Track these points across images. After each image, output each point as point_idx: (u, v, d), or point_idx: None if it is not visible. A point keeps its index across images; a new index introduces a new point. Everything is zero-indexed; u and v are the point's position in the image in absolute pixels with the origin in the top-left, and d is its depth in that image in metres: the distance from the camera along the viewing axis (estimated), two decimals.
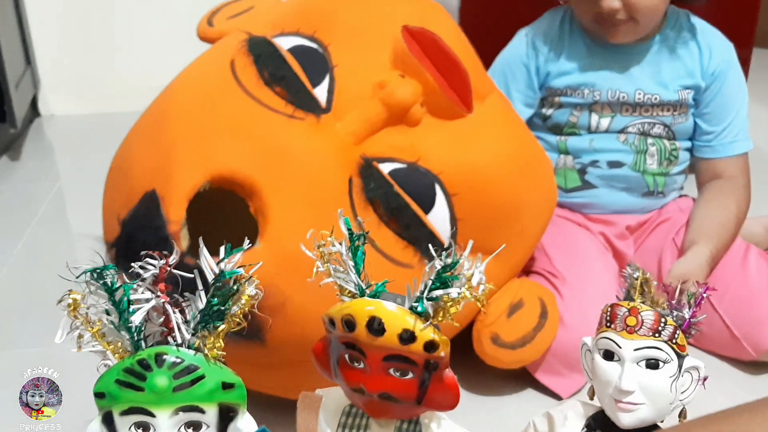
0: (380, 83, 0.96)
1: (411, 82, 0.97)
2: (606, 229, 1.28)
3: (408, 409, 0.67)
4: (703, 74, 1.26)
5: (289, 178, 0.88)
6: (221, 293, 0.60)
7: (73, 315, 0.59)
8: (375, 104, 0.95)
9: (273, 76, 0.95)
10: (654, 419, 0.72)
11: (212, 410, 0.60)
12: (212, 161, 0.86)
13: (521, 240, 1.08)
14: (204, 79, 1.00)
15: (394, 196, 0.93)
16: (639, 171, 1.27)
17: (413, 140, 0.97)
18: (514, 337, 1.06)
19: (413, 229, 0.94)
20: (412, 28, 1.00)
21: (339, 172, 0.92)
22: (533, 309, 1.08)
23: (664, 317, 0.71)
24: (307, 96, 0.95)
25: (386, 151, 0.96)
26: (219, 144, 0.89)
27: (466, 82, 1.00)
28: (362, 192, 0.93)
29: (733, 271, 1.20)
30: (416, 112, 0.97)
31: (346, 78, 0.97)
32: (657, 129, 1.27)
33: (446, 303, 0.63)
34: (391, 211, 0.93)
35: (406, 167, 0.96)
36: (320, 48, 0.99)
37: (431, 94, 0.97)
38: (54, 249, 1.55)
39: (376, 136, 0.96)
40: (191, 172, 0.85)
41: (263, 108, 0.93)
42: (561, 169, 1.29)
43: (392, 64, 0.99)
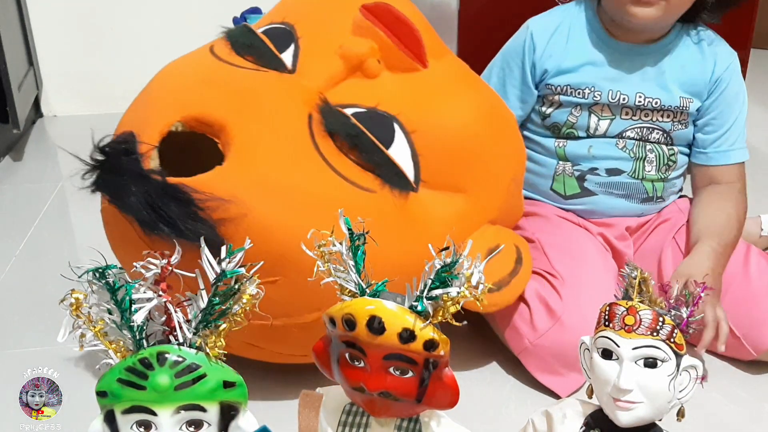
0: (339, 45, 1.08)
1: (366, 39, 1.09)
2: (605, 231, 1.28)
3: (408, 408, 0.67)
4: (706, 82, 1.25)
5: (253, 114, 0.97)
6: (223, 292, 0.61)
7: (76, 314, 0.60)
8: (334, 59, 1.07)
9: (243, 45, 1.08)
10: (652, 418, 0.73)
11: (214, 409, 0.61)
12: (185, 105, 0.97)
13: (490, 183, 1.12)
14: (185, 57, 1.12)
15: (352, 126, 1.01)
16: (638, 178, 1.27)
17: (373, 90, 1.07)
18: (491, 280, 1.05)
19: (372, 155, 1.00)
20: (368, 5, 1.11)
21: (299, 109, 1.01)
22: (509, 254, 1.11)
23: (662, 316, 0.71)
24: (274, 58, 1.07)
25: (347, 99, 1.05)
26: (191, 92, 1.01)
27: (418, 39, 1.10)
28: (321, 125, 1.00)
29: (733, 271, 1.20)
30: (373, 65, 1.08)
31: (310, 44, 1.09)
32: (655, 134, 1.26)
33: (446, 302, 0.63)
34: (349, 139, 1.00)
35: (365, 111, 1.04)
36: (287, 27, 1.12)
37: (387, 50, 1.09)
38: (56, 249, 1.55)
39: (338, 88, 1.06)
40: (165, 113, 0.96)
41: (231, 66, 1.06)
42: (560, 176, 1.29)
43: (351, 33, 1.10)
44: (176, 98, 1.00)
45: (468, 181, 1.09)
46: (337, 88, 1.06)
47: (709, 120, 1.27)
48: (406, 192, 1.01)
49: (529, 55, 1.27)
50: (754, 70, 1.81)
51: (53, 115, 2.40)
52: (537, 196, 1.33)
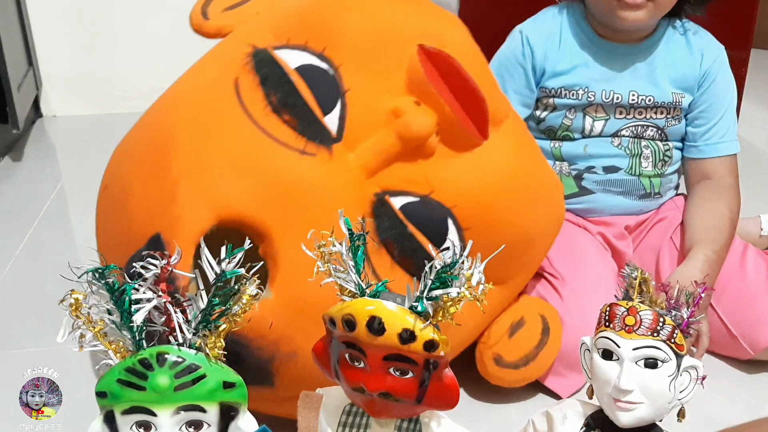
0: (395, 111, 0.91)
1: (427, 112, 0.92)
2: (605, 230, 1.28)
3: (408, 408, 0.67)
4: (696, 76, 1.26)
5: (300, 220, 0.82)
6: (222, 293, 0.61)
7: (75, 315, 0.60)
8: (389, 135, 0.91)
9: (281, 102, 0.90)
10: (652, 418, 0.73)
11: (213, 409, 0.61)
12: (219, 202, 0.82)
13: (527, 268, 1.09)
14: (206, 98, 0.94)
15: (408, 237, 0.91)
16: (635, 174, 1.27)
17: (426, 172, 0.93)
18: (516, 356, 1.06)
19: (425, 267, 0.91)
20: (428, 49, 0.94)
21: (352, 211, 0.85)
22: (535, 326, 1.08)
23: (662, 317, 0.71)
24: (318, 126, 0.90)
25: (399, 184, 0.92)
26: (225, 182, 0.85)
27: (484, 109, 0.95)
28: (376, 233, 0.89)
29: (731, 270, 1.20)
30: (431, 143, 0.93)
31: (359, 104, 0.92)
32: (650, 131, 1.27)
33: (446, 302, 0.63)
34: (404, 251, 0.90)
35: (418, 201, 0.93)
36: (331, 69, 0.93)
37: (447, 124, 0.93)
38: (56, 249, 1.55)
39: (389, 167, 0.93)
40: (197, 214, 0.82)
41: (271, 140, 0.88)
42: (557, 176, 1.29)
43: (407, 88, 0.93)
44: (208, 192, 0.84)
45: (512, 275, 1.04)
46: (387, 169, 0.93)
47: (698, 113, 1.28)
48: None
49: (530, 58, 1.27)
50: (754, 70, 1.80)
51: (53, 115, 2.40)
52: None
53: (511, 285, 1.06)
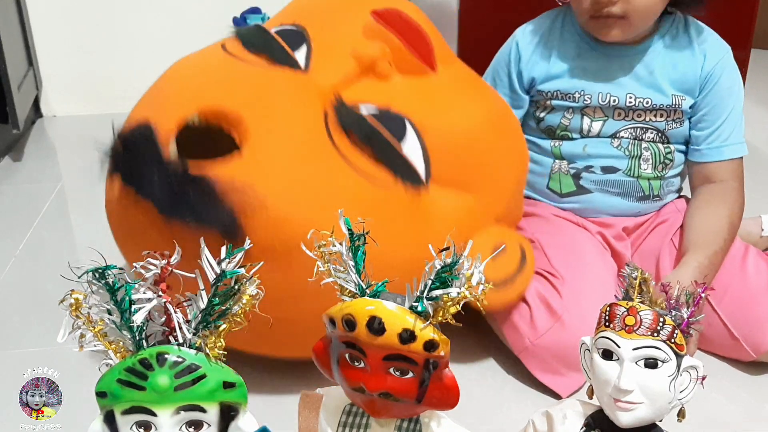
0: (352, 47, 1.10)
1: (378, 42, 1.11)
2: (604, 231, 1.28)
3: (408, 408, 0.67)
4: (697, 78, 1.25)
5: (269, 108, 0.98)
6: (222, 293, 0.61)
7: (75, 315, 0.60)
8: (347, 59, 1.09)
9: (256, 44, 1.09)
10: (653, 418, 0.73)
11: (213, 409, 0.61)
12: (201, 98, 0.97)
13: (496, 184, 1.14)
14: (196, 54, 1.13)
15: (367, 124, 1.03)
16: (633, 176, 1.27)
17: (385, 92, 1.09)
18: (495, 277, 1.07)
19: (386, 151, 1.02)
20: (378, 10, 1.13)
21: (315, 106, 1.02)
22: (514, 253, 1.12)
23: (662, 317, 0.71)
24: (287, 56, 1.08)
25: (360, 99, 1.07)
26: (207, 86, 1.02)
27: (428, 43, 1.13)
28: (337, 122, 1.01)
29: (732, 271, 1.19)
30: (385, 67, 1.10)
31: (322, 46, 1.11)
32: (650, 134, 1.26)
33: (446, 302, 0.63)
34: (364, 136, 1.01)
35: (378, 111, 1.06)
36: (299, 29, 1.13)
37: (398, 54, 1.11)
38: (56, 249, 1.55)
39: (351, 88, 1.07)
40: (182, 105, 0.96)
41: (245, 63, 1.06)
42: (556, 174, 1.29)
43: (362, 36, 1.12)
44: (192, 91, 1.00)
45: (476, 181, 1.11)
46: (350, 89, 1.07)
47: (701, 116, 1.26)
48: (417, 187, 1.03)
49: (515, 63, 1.29)
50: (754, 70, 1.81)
51: (53, 115, 2.40)
52: (534, 194, 1.33)
53: (481, 197, 1.11)
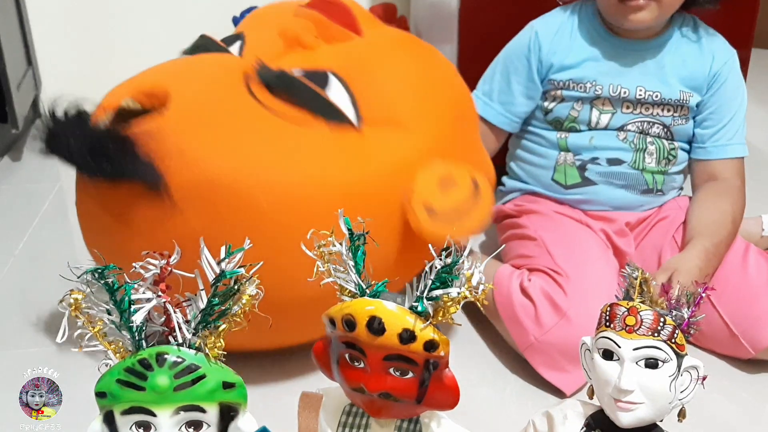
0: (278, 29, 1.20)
1: (301, 19, 1.21)
2: (606, 226, 1.29)
3: (408, 409, 0.67)
4: (705, 76, 1.27)
5: (193, 79, 1.06)
6: (222, 293, 0.60)
7: (75, 315, 0.60)
8: (275, 39, 1.19)
9: (197, 47, 1.19)
10: (653, 418, 0.72)
11: (213, 409, 0.60)
12: (135, 84, 1.05)
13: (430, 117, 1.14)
14: None
15: (287, 76, 1.09)
16: (638, 169, 1.28)
17: (311, 58, 1.16)
18: (447, 207, 1.03)
19: (308, 97, 1.06)
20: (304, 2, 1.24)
21: (237, 72, 1.08)
22: (465, 183, 1.06)
23: (663, 317, 0.71)
24: (221, 48, 1.17)
25: (286, 66, 1.12)
26: (143, 74, 1.09)
27: (349, 11, 1.21)
28: (258, 80, 1.07)
29: (732, 269, 1.20)
30: (310, 38, 1.19)
31: (254, 38, 1.21)
32: (656, 129, 1.28)
33: (446, 303, 0.63)
34: (285, 87, 1.07)
35: (303, 72, 1.12)
36: (240, 35, 1.23)
37: (322, 26, 1.20)
38: (55, 249, 1.55)
39: (278, 60, 1.14)
40: (116, 92, 1.06)
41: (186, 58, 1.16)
42: (561, 165, 1.30)
43: (288, 20, 1.22)
44: (130, 80, 1.08)
45: (407, 115, 1.11)
46: (278, 60, 1.14)
47: (707, 115, 1.29)
48: (342, 124, 1.05)
49: (536, 53, 1.29)
50: (755, 70, 1.81)
51: None
52: (538, 188, 1.34)
53: (418, 133, 1.10)
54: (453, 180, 1.06)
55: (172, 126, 0.97)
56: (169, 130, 0.96)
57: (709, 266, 1.17)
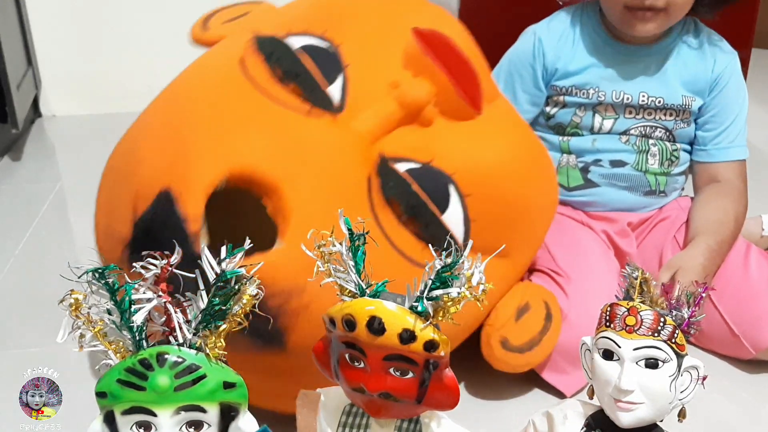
0: (394, 82, 0.96)
1: (424, 81, 0.97)
2: (608, 227, 1.29)
3: (408, 409, 0.67)
4: (707, 80, 1.27)
5: (308, 175, 0.86)
6: (223, 293, 0.60)
7: (75, 314, 0.60)
8: (390, 103, 0.95)
9: (286, 73, 0.94)
10: (653, 418, 0.73)
11: (214, 409, 0.60)
12: (230, 158, 0.83)
13: (528, 241, 1.09)
14: (212, 76, 0.97)
15: (413, 195, 0.93)
16: (641, 170, 1.28)
17: (427, 140, 0.97)
18: (522, 340, 1.06)
19: (432, 228, 0.93)
20: (422, 30, 1.00)
21: (358, 170, 0.91)
22: (539, 312, 1.08)
23: (663, 317, 0.71)
24: (321, 94, 0.94)
25: (401, 151, 0.95)
26: (236, 140, 0.86)
27: (477, 82, 1.00)
28: (380, 191, 0.92)
29: (733, 269, 1.20)
30: (429, 111, 0.98)
31: (359, 77, 0.97)
32: (658, 132, 1.28)
33: (446, 302, 0.63)
34: (409, 210, 0.92)
35: (420, 167, 0.95)
36: (331, 47, 0.98)
37: (444, 94, 0.98)
38: (55, 249, 1.55)
39: (391, 136, 0.96)
40: (208, 168, 0.82)
41: (278, 105, 0.91)
42: (563, 167, 1.30)
43: (404, 65, 0.98)
44: (219, 149, 0.84)
45: (513, 246, 1.02)
46: (389, 135, 0.96)
47: (709, 118, 1.29)
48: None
49: (540, 60, 1.29)
50: (755, 70, 1.81)
51: (52, 115, 2.40)
52: None
53: (515, 261, 1.06)
54: (528, 307, 1.08)
55: (297, 275, 0.78)
56: (294, 280, 0.78)
57: (712, 264, 1.17)
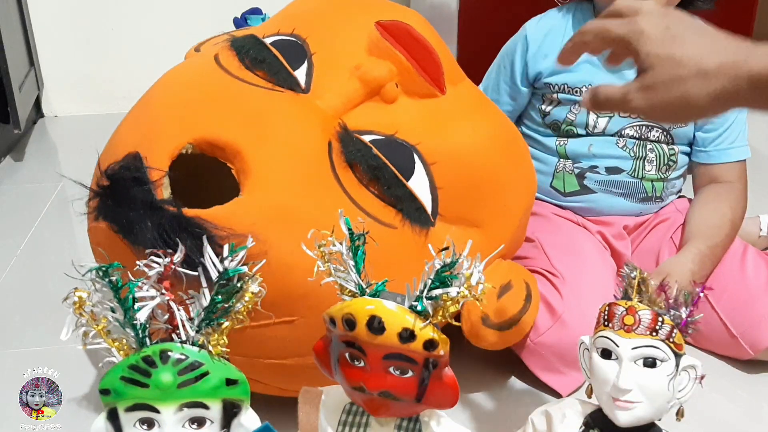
0: (357, 65, 1.01)
1: (385, 62, 1.02)
2: (604, 229, 1.29)
3: (408, 407, 0.67)
4: None
5: (269, 139, 0.91)
6: (225, 291, 0.61)
7: (79, 312, 0.60)
8: (352, 81, 1.00)
9: (254, 60, 1.00)
10: (651, 417, 0.73)
11: (216, 406, 0.61)
12: (195, 125, 0.90)
13: (504, 217, 1.09)
14: (188, 67, 1.05)
15: (373, 157, 0.95)
16: (638, 177, 1.28)
17: (391, 116, 1.02)
18: (502, 318, 1.05)
19: (394, 189, 0.95)
20: (384, 22, 1.05)
21: (318, 135, 0.95)
22: (520, 291, 1.08)
23: (661, 316, 0.71)
24: (287, 75, 1.00)
25: (365, 125, 0.99)
26: (202, 111, 0.93)
27: (438, 64, 1.05)
28: (341, 155, 0.95)
29: (731, 270, 1.20)
30: (392, 89, 1.02)
31: (324, 62, 1.02)
32: (655, 133, 1.27)
33: (445, 302, 0.63)
34: (370, 171, 0.95)
35: (384, 138, 0.99)
36: (299, 41, 1.04)
37: (405, 74, 1.03)
38: (57, 249, 1.55)
39: (355, 112, 1.00)
40: (175, 134, 0.89)
41: (244, 83, 0.98)
42: (560, 173, 1.30)
43: (367, 51, 1.04)
44: (185, 117, 0.92)
45: (483, 215, 1.05)
46: (354, 112, 1.00)
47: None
48: (426, 228, 0.97)
49: (522, 55, 1.30)
50: None
51: (54, 115, 2.40)
52: (537, 193, 1.34)
53: (488, 232, 1.06)
54: (510, 286, 1.07)
55: (255, 223, 0.83)
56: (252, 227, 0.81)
57: (702, 269, 1.17)
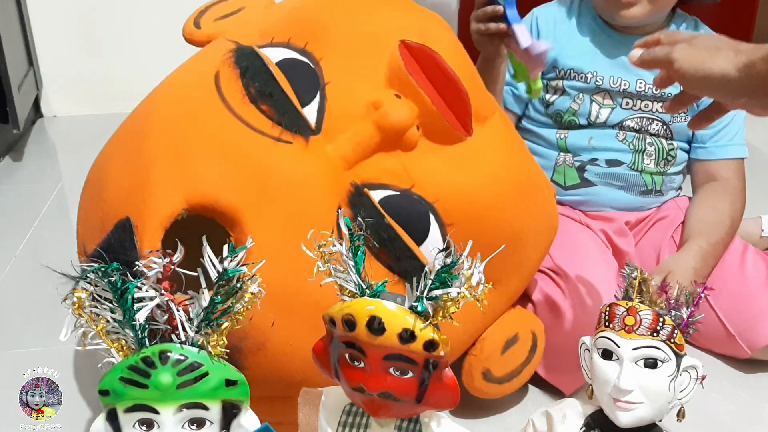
0: (374, 103, 0.90)
1: (407, 104, 0.90)
2: (606, 226, 1.29)
3: (408, 408, 0.67)
4: None
5: (273, 207, 0.82)
6: (224, 291, 0.61)
7: (78, 313, 0.60)
8: (368, 126, 0.89)
9: (260, 92, 0.89)
10: (652, 418, 0.73)
11: (216, 407, 0.61)
12: (191, 186, 0.80)
13: (519, 269, 1.03)
14: (186, 90, 0.94)
15: (385, 227, 0.88)
16: (637, 170, 1.28)
17: (407, 165, 0.91)
18: (503, 372, 1.04)
19: (404, 262, 0.88)
20: (410, 44, 0.94)
21: (327, 200, 0.86)
22: (525, 343, 1.06)
23: (662, 317, 0.71)
24: (296, 116, 0.89)
25: (378, 177, 0.90)
26: (198, 167, 0.82)
27: (466, 104, 0.94)
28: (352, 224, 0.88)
29: (730, 269, 1.21)
30: (412, 135, 0.91)
31: (338, 96, 0.91)
32: (655, 125, 1.28)
33: (446, 302, 0.63)
34: (381, 242, 0.87)
35: (398, 195, 0.90)
36: (311, 63, 0.93)
37: (428, 116, 0.91)
38: (56, 249, 1.55)
39: (369, 159, 0.90)
40: (168, 198, 0.79)
41: (247, 128, 0.86)
42: (560, 166, 1.30)
43: (387, 82, 0.92)
44: (180, 176, 0.82)
45: (499, 273, 0.95)
46: (366, 165, 0.90)
47: None
48: None
49: (533, 35, 1.30)
50: None
51: (53, 115, 2.40)
52: None
53: (507, 288, 1.02)
54: (517, 339, 1.05)
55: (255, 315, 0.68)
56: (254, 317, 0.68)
57: (704, 267, 1.18)
